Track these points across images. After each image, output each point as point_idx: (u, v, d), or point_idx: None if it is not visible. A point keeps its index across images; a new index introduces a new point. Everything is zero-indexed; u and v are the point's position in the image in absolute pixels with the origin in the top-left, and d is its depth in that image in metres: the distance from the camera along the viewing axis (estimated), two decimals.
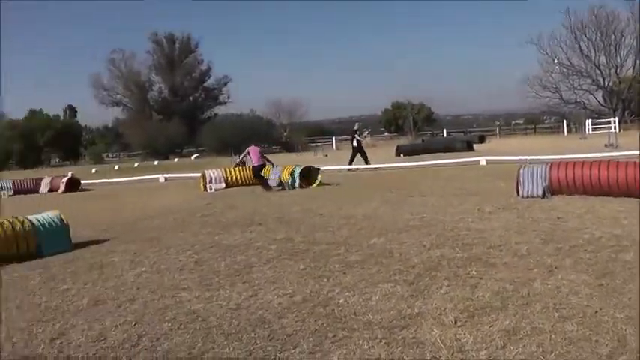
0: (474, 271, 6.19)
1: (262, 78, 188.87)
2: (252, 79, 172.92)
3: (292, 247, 8.13)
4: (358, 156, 24.72)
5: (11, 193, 24.77)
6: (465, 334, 4.46)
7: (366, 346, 4.33)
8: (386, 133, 76.92)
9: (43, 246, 8.89)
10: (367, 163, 24.57)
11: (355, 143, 25.11)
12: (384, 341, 4.40)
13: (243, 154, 19.16)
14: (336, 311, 5.17)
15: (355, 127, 26.10)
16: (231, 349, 4.46)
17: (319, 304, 5.42)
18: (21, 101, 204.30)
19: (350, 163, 24.78)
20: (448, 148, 31.51)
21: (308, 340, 4.54)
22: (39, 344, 4.92)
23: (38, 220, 9.12)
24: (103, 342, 4.85)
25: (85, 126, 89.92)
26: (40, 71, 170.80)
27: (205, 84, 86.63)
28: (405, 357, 4.16)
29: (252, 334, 4.73)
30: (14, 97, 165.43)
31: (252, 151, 17.89)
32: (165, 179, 26.01)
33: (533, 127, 70.47)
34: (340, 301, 5.47)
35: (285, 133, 77.45)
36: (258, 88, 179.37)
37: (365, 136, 29.28)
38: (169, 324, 5.16)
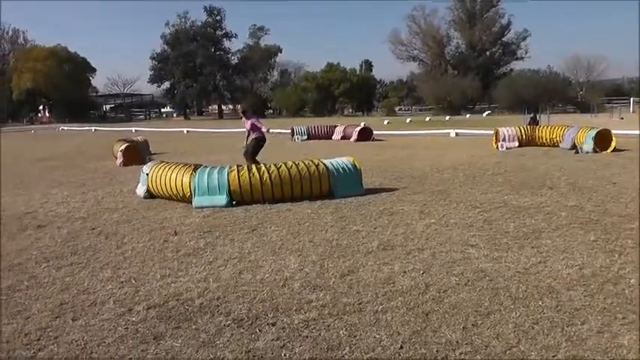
0: None
1: (562, 31, 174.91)
2: (552, 32, 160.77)
3: (583, 216, 7.71)
4: None
5: (305, 137, 26.54)
6: None
7: None
8: None
9: (335, 188, 9.39)
10: None
11: None
12: None
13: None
14: (626, 292, 4.78)
15: None
16: (518, 314, 4.35)
17: (609, 281, 5.08)
18: (320, 56, 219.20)
19: None
20: None
21: (596, 318, 4.26)
22: (330, 278, 5.32)
23: (332, 164, 9.65)
24: (391, 285, 5.11)
25: (380, 80, 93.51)
26: (339, 28, 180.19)
27: (504, 38, 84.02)
28: None
29: (540, 303, 4.57)
30: (313, 51, 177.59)
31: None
32: (457, 134, 25.91)
33: None
34: (631, 281, 5.05)
35: (580, 92, 71.96)
36: (558, 43, 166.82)
37: None
38: (457, 278, 5.23)
